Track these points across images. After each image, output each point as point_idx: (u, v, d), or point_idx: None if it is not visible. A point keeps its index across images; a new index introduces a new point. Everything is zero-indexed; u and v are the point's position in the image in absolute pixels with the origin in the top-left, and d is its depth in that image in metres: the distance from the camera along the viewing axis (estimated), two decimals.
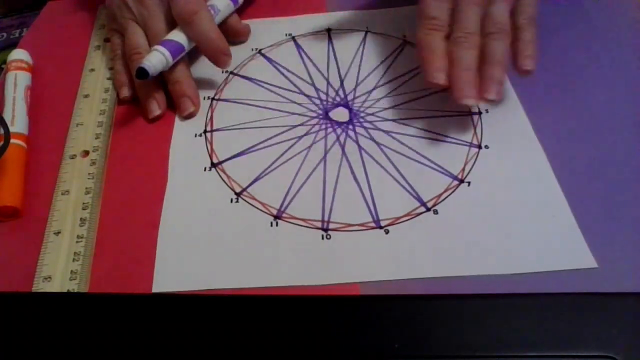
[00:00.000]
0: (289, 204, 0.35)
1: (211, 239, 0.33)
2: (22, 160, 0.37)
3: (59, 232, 0.34)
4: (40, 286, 0.31)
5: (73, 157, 0.38)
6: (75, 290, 0.31)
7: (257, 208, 0.35)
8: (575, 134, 0.38)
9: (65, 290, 0.31)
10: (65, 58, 0.46)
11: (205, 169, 0.37)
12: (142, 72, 0.38)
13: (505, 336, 0.28)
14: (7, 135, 0.36)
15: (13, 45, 0.49)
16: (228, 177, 0.36)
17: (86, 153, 0.38)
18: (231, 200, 0.35)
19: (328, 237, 0.33)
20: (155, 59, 0.38)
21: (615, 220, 0.33)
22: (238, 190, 0.36)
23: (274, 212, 0.34)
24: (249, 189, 0.36)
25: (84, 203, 0.35)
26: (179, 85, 0.41)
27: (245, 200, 0.35)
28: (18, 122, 0.39)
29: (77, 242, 0.33)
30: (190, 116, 0.41)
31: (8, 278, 0.32)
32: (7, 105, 0.40)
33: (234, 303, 0.30)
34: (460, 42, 0.37)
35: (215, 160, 0.37)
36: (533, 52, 0.37)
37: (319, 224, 0.34)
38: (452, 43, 0.37)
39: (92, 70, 0.44)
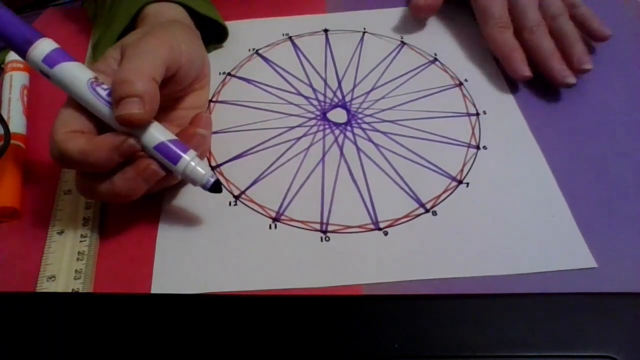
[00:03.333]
0: (287, 206, 0.35)
1: (210, 242, 0.33)
2: (21, 160, 0.37)
3: (62, 232, 0.34)
4: (45, 286, 0.31)
5: None
6: (80, 290, 0.31)
7: (256, 210, 0.34)
8: (574, 134, 0.38)
9: (70, 290, 0.31)
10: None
11: None
12: (218, 183, 0.32)
13: (505, 336, 0.28)
14: (7, 135, 0.36)
15: None
16: (226, 179, 0.36)
17: None
18: (230, 203, 0.35)
19: (327, 239, 0.33)
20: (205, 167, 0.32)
21: (615, 220, 0.33)
22: (236, 193, 0.35)
23: (273, 214, 0.34)
24: (247, 192, 0.35)
25: (87, 203, 0.35)
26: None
27: (243, 203, 0.35)
28: (14, 122, 0.39)
29: (81, 241, 0.33)
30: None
31: (10, 278, 0.32)
32: (4, 106, 0.40)
33: (234, 303, 0.30)
34: (535, 32, 0.41)
35: (213, 163, 0.37)
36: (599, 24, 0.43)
37: (318, 226, 0.34)
38: (528, 33, 0.41)
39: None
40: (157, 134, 0.30)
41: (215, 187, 0.31)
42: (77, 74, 0.30)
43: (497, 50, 0.42)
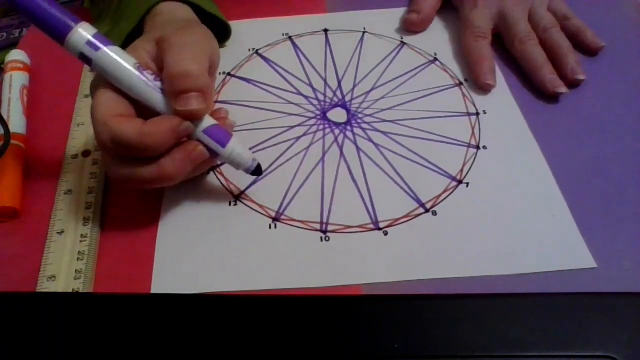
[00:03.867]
0: (287, 206, 0.35)
1: (210, 242, 0.33)
2: (21, 160, 0.37)
3: (62, 232, 0.34)
4: (45, 285, 0.31)
5: (75, 156, 0.38)
6: (81, 290, 0.31)
7: (256, 210, 0.34)
8: (574, 134, 0.38)
9: (70, 289, 0.31)
10: (65, 58, 0.45)
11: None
12: (259, 167, 0.34)
13: (505, 336, 0.28)
14: (8, 135, 0.36)
15: (13, 45, 0.48)
16: (226, 179, 0.36)
17: (88, 153, 0.38)
18: (230, 203, 0.35)
19: (327, 239, 0.33)
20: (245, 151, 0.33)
21: (614, 220, 0.33)
22: (237, 192, 0.35)
23: (273, 214, 0.34)
24: (247, 192, 0.35)
25: (87, 202, 0.35)
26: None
27: (243, 203, 0.35)
28: (14, 122, 0.39)
29: (81, 241, 0.33)
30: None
31: (11, 278, 0.32)
32: (4, 106, 0.40)
33: (234, 303, 0.30)
34: (526, 42, 0.41)
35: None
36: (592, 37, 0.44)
37: (318, 226, 0.34)
38: (519, 43, 0.42)
39: (93, 70, 0.44)
40: (206, 118, 0.31)
41: (258, 171, 0.33)
42: (123, 57, 0.30)
43: (468, 58, 0.43)
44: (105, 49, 0.30)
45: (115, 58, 0.30)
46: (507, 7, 0.43)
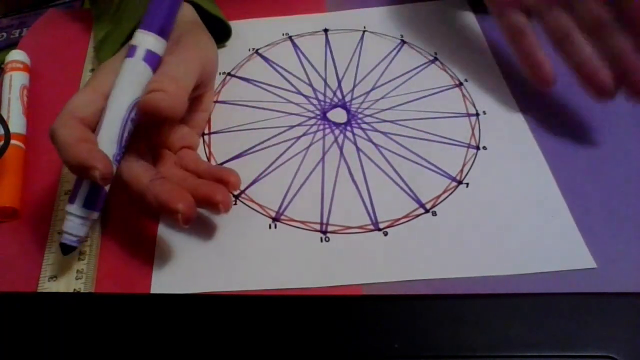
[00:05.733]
0: (287, 206, 0.35)
1: (210, 242, 0.33)
2: (21, 160, 0.37)
3: (63, 232, 0.33)
4: (46, 285, 0.31)
5: None
6: (82, 290, 0.31)
7: (256, 210, 0.34)
8: (574, 133, 0.38)
9: (71, 289, 0.31)
10: (65, 58, 0.46)
11: None
12: (66, 249, 0.30)
13: (505, 336, 0.28)
14: (7, 135, 0.36)
15: (13, 45, 0.48)
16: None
17: None
18: None
19: (327, 239, 0.33)
20: (68, 226, 0.30)
21: (614, 220, 0.33)
22: (236, 192, 0.35)
23: (273, 214, 0.34)
24: (247, 191, 0.35)
25: None
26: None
27: (243, 203, 0.35)
28: (14, 122, 0.39)
29: None
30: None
31: (11, 278, 0.32)
32: (3, 106, 0.40)
33: (234, 303, 0.30)
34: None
35: (213, 163, 0.37)
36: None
37: (318, 226, 0.34)
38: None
39: (93, 70, 0.44)
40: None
41: (62, 247, 0.30)
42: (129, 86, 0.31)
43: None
44: (132, 60, 0.31)
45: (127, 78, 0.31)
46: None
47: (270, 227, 0.34)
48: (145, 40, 0.31)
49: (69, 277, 0.31)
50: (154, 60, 0.31)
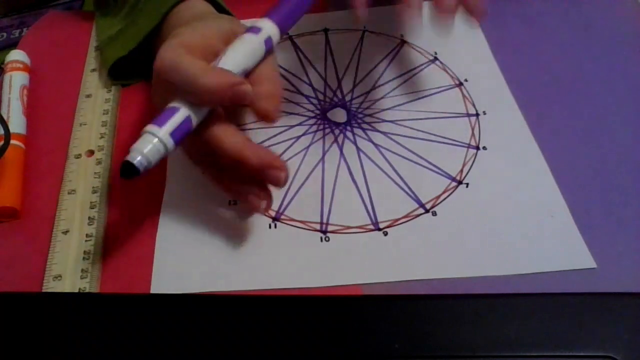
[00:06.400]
0: (287, 206, 0.35)
1: (210, 241, 0.33)
2: (21, 160, 0.37)
3: (67, 231, 0.34)
4: (51, 285, 0.31)
5: (78, 156, 0.38)
6: (87, 289, 0.31)
7: None
8: (573, 134, 0.38)
9: (76, 289, 0.31)
10: (65, 58, 0.46)
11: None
12: (129, 170, 0.27)
13: (505, 336, 0.28)
14: (7, 135, 0.36)
15: (13, 45, 0.48)
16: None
17: (91, 152, 0.38)
18: (229, 202, 0.35)
19: (327, 239, 0.33)
20: (148, 148, 0.27)
21: (614, 220, 0.33)
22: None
23: (273, 214, 0.34)
24: None
25: (91, 202, 0.35)
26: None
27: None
28: (14, 122, 0.39)
29: (86, 240, 0.33)
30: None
31: (15, 278, 0.32)
32: (3, 106, 0.40)
33: (234, 303, 0.30)
34: None
35: None
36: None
37: (318, 226, 0.34)
38: None
39: (94, 70, 0.44)
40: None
41: (124, 168, 0.27)
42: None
43: None
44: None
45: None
46: None
47: (270, 226, 0.34)
48: (271, 28, 0.33)
49: (74, 276, 0.31)
50: (269, 46, 0.32)
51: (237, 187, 0.32)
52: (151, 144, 0.27)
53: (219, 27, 0.32)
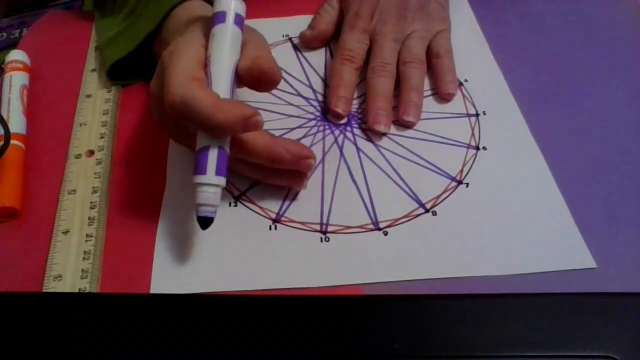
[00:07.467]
0: (287, 207, 0.35)
1: (210, 242, 0.33)
2: (21, 160, 0.37)
3: (67, 231, 0.34)
4: (52, 285, 0.31)
5: (78, 156, 0.38)
6: (87, 289, 0.31)
7: (256, 212, 0.34)
8: (573, 134, 0.38)
9: (77, 289, 0.31)
10: (65, 58, 0.46)
11: None
12: (206, 222, 0.30)
13: (505, 336, 0.28)
14: (8, 135, 0.36)
15: (13, 45, 0.48)
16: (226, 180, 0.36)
17: (91, 152, 0.38)
18: (230, 204, 0.35)
19: (327, 239, 0.33)
20: (208, 198, 0.30)
21: (614, 220, 0.33)
22: (236, 193, 0.35)
23: (273, 215, 0.34)
24: (247, 193, 0.35)
25: (91, 202, 0.35)
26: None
27: (243, 204, 0.35)
28: (14, 122, 0.39)
29: (86, 240, 0.33)
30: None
31: (15, 278, 0.32)
32: (3, 106, 0.40)
33: (234, 303, 0.30)
34: (377, 71, 0.39)
35: None
36: (454, 78, 0.41)
37: (318, 227, 0.34)
38: (369, 72, 0.39)
39: (94, 70, 0.44)
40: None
41: (201, 221, 0.30)
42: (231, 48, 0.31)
43: (329, 79, 0.41)
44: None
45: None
46: (379, 33, 0.40)
47: (270, 228, 0.34)
48: (232, 5, 0.32)
49: (74, 276, 0.31)
50: (240, 22, 0.32)
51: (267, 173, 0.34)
52: (209, 194, 0.30)
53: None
